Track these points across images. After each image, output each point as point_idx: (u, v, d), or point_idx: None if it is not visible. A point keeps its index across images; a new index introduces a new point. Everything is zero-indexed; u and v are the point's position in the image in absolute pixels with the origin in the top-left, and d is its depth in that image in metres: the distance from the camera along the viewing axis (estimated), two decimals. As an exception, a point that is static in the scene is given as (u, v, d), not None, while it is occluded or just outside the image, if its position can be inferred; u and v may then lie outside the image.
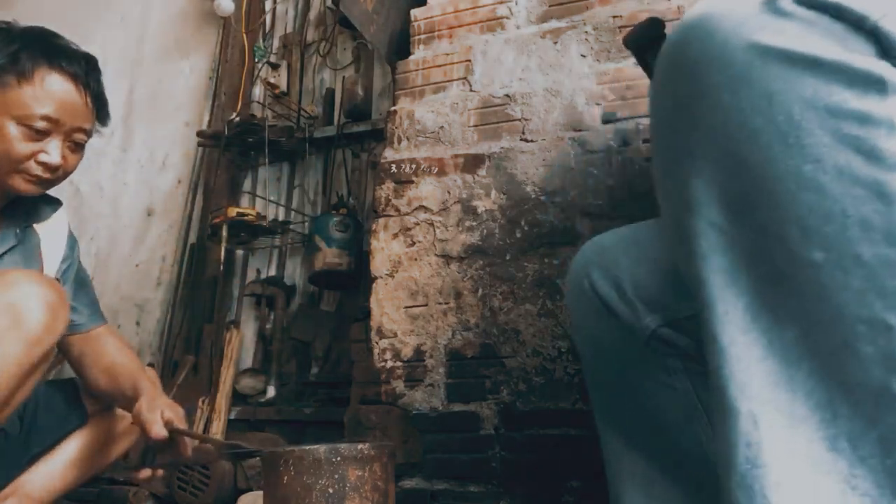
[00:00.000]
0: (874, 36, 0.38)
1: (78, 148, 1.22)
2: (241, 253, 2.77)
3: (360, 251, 2.36)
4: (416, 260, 1.64)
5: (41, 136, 1.14)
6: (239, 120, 2.62)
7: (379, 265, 1.67)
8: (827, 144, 0.39)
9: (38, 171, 1.16)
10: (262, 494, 1.24)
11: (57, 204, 1.35)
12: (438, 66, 1.77)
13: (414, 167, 1.70)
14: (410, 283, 1.63)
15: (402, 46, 1.90)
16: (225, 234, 2.43)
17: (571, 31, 1.64)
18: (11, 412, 1.13)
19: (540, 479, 1.44)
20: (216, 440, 1.20)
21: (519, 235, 1.56)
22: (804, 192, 0.40)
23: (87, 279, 1.42)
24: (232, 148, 2.74)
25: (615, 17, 1.61)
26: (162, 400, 1.19)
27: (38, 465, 1.28)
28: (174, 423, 1.14)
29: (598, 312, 0.85)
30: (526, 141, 1.61)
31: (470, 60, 1.73)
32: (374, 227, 1.71)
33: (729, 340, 0.43)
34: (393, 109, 1.79)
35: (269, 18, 3.05)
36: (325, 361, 2.47)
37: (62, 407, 1.32)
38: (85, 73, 1.18)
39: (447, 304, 1.59)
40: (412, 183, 1.69)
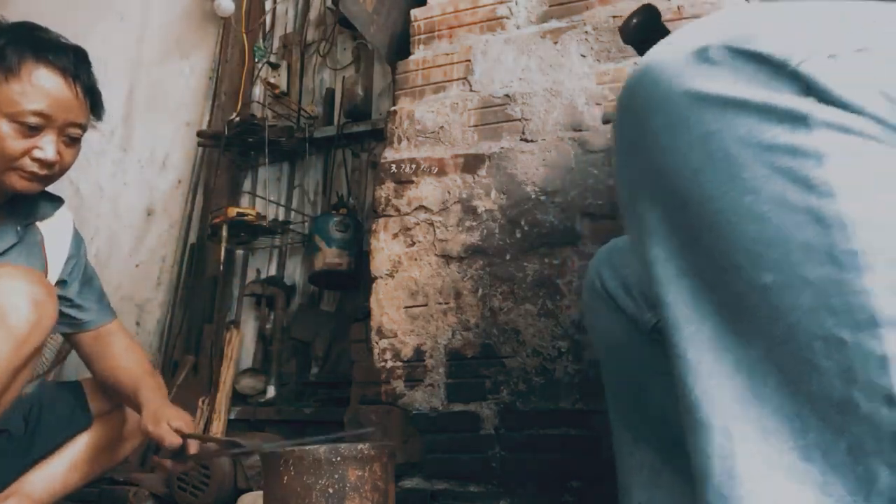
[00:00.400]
0: (796, 78, 0.42)
1: (73, 143, 1.19)
2: (241, 253, 2.77)
3: (360, 251, 2.36)
4: (416, 260, 1.64)
5: (34, 132, 1.12)
6: (239, 120, 2.62)
7: (379, 265, 1.67)
8: (763, 176, 0.43)
9: (33, 167, 1.14)
10: (262, 494, 1.24)
11: (59, 202, 1.33)
12: (438, 66, 1.77)
13: (414, 167, 1.70)
14: (410, 283, 1.63)
15: (402, 46, 1.90)
16: (225, 234, 2.43)
17: (571, 31, 1.64)
18: (4, 410, 1.13)
19: (540, 479, 1.44)
20: (220, 439, 1.22)
21: (519, 235, 1.56)
22: (747, 221, 0.43)
23: (94, 276, 1.41)
24: (232, 148, 2.74)
25: (615, 17, 1.61)
26: (167, 410, 1.19)
27: (40, 466, 1.28)
28: (183, 429, 1.17)
29: (608, 309, 0.92)
30: (526, 141, 1.61)
31: (470, 60, 1.73)
32: (374, 227, 1.71)
33: (698, 360, 0.46)
34: (393, 109, 1.79)
35: (269, 18, 3.04)
36: (325, 361, 2.47)
37: (67, 409, 1.32)
38: (74, 65, 1.16)
39: (447, 304, 1.59)
40: (412, 183, 1.69)
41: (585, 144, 1.55)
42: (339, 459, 1.08)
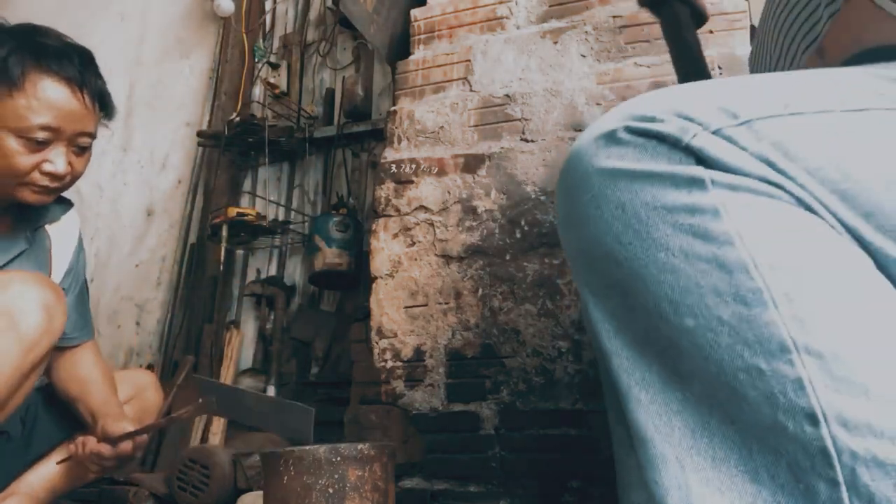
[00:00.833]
0: (689, 151, 0.49)
1: (83, 151, 1.17)
2: (241, 253, 2.77)
3: (360, 251, 2.36)
4: (416, 260, 1.64)
5: (42, 146, 1.09)
6: (239, 120, 2.62)
7: (379, 265, 1.67)
8: (670, 234, 0.49)
9: (44, 181, 1.11)
10: (262, 494, 1.24)
11: (68, 205, 1.31)
12: (438, 66, 1.77)
13: (414, 167, 1.70)
14: (410, 283, 1.63)
15: (402, 46, 1.90)
16: (225, 234, 2.43)
17: (571, 31, 1.64)
18: (9, 414, 1.13)
19: (540, 479, 1.44)
20: (159, 423, 1.26)
21: (519, 235, 1.56)
22: (664, 274, 0.50)
23: (85, 292, 1.38)
24: (232, 148, 2.75)
25: (615, 17, 1.61)
26: (116, 424, 1.19)
27: (38, 466, 1.28)
28: (126, 429, 1.18)
29: None
30: (526, 141, 1.61)
31: (470, 60, 1.73)
32: (374, 227, 1.71)
33: (649, 399, 0.51)
34: (393, 109, 1.79)
35: (269, 18, 3.05)
36: (325, 361, 2.47)
37: (62, 410, 1.31)
38: (80, 73, 1.12)
39: (447, 304, 1.59)
40: (412, 183, 1.69)
41: (585, 144, 1.55)
42: (339, 459, 1.08)
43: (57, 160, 1.10)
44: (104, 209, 3.20)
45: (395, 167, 1.72)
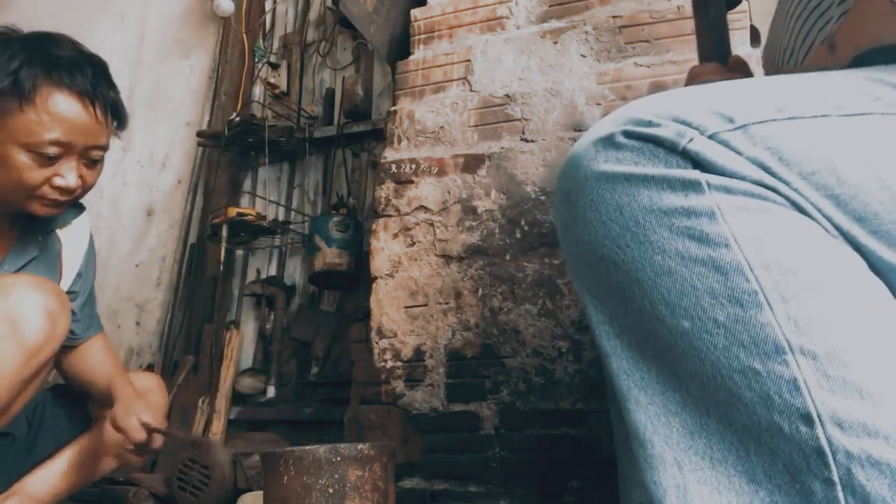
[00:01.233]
0: (686, 155, 0.50)
1: (95, 164, 1.15)
2: (241, 253, 2.77)
3: (360, 251, 2.36)
4: (416, 260, 1.64)
5: (53, 160, 1.07)
6: (239, 120, 2.62)
7: (379, 265, 1.67)
8: (666, 237, 0.50)
9: (54, 195, 1.10)
10: (262, 494, 1.24)
11: (80, 209, 1.30)
12: (438, 66, 1.77)
13: (414, 167, 1.70)
14: (410, 283, 1.63)
15: (402, 46, 1.90)
16: (225, 234, 2.43)
17: (571, 31, 1.64)
18: (12, 417, 1.13)
19: (540, 479, 1.44)
20: (181, 436, 1.25)
21: (519, 235, 1.56)
22: (661, 276, 0.50)
23: (93, 292, 1.39)
24: (232, 148, 2.74)
25: (615, 17, 1.61)
26: (137, 404, 1.19)
27: (42, 467, 1.28)
28: (150, 423, 1.18)
29: None
30: (526, 141, 1.61)
31: (470, 60, 1.73)
32: (374, 227, 1.71)
33: (648, 400, 0.51)
34: (393, 109, 1.79)
35: (269, 18, 3.05)
36: (325, 361, 2.47)
37: (68, 412, 1.32)
38: (92, 86, 1.09)
39: (447, 304, 1.59)
40: (412, 183, 1.69)
41: (585, 144, 1.55)
42: (339, 459, 1.09)
43: (68, 175, 1.09)
44: (104, 209, 3.20)
45: (395, 167, 1.72)
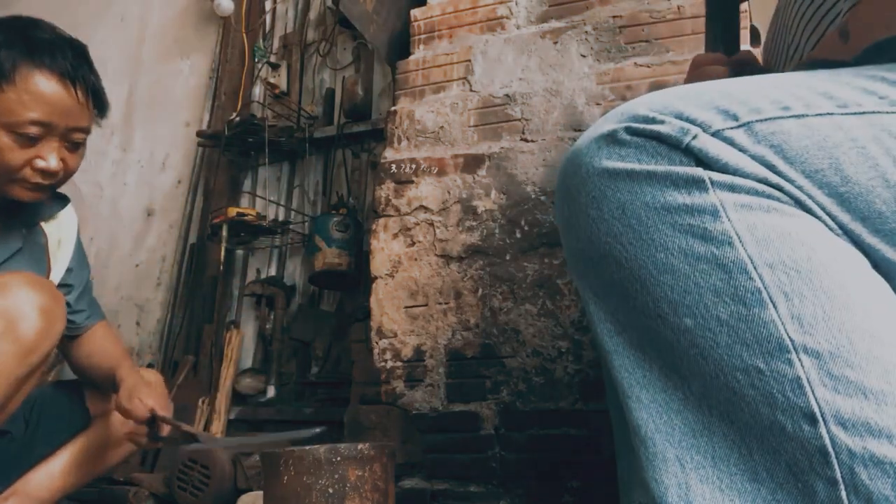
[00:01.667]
0: (689, 151, 0.50)
1: (77, 147, 1.14)
2: (241, 253, 2.77)
3: (360, 251, 2.36)
4: (416, 260, 1.64)
5: (34, 141, 1.07)
6: (239, 120, 2.62)
7: (379, 265, 1.67)
8: (669, 234, 0.50)
9: (36, 178, 1.09)
10: (262, 494, 1.24)
11: (64, 201, 1.30)
12: (438, 66, 1.77)
13: (414, 167, 1.70)
14: (410, 283, 1.63)
15: (402, 46, 1.90)
16: (225, 234, 2.43)
17: (571, 31, 1.64)
18: (9, 416, 1.13)
19: (540, 479, 1.44)
20: (185, 429, 1.22)
21: (519, 235, 1.56)
22: (663, 274, 0.50)
23: (90, 281, 1.39)
24: (232, 148, 2.74)
25: (615, 17, 1.61)
26: (141, 388, 1.18)
27: (41, 466, 1.28)
28: (156, 410, 1.16)
29: None
30: (526, 141, 1.61)
31: (470, 60, 1.73)
32: (374, 227, 1.71)
33: (650, 398, 0.52)
34: (393, 109, 1.79)
35: (269, 18, 3.04)
36: (325, 361, 2.47)
37: (66, 409, 1.32)
38: (73, 66, 1.09)
39: (447, 304, 1.59)
40: (412, 183, 1.69)
41: (585, 144, 1.55)
42: (339, 459, 1.09)
43: (49, 156, 1.09)
44: (104, 209, 3.20)
45: (395, 167, 1.72)
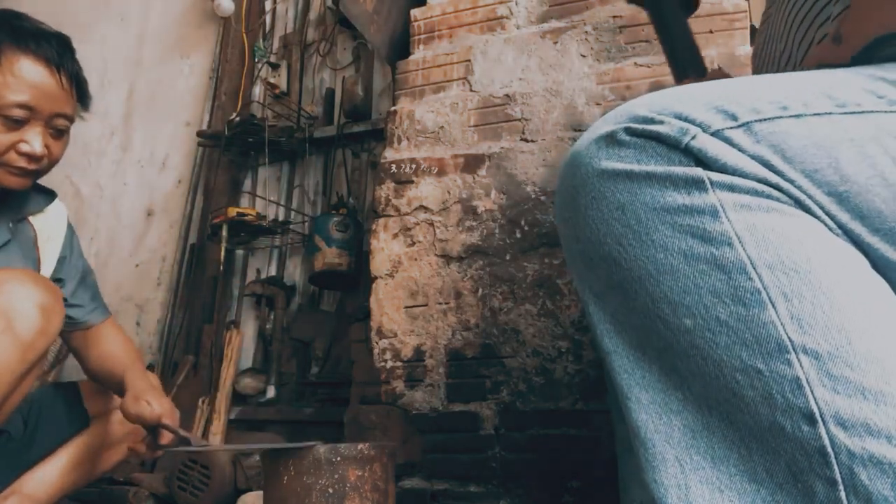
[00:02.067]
0: (688, 151, 0.50)
1: (61, 135, 1.16)
2: (241, 253, 2.77)
3: (360, 251, 2.36)
4: (416, 260, 1.64)
5: (19, 125, 1.08)
6: (239, 120, 2.62)
7: (379, 265, 1.67)
8: (669, 235, 0.50)
9: (20, 162, 1.11)
10: (262, 494, 1.24)
11: (51, 195, 1.31)
12: (438, 66, 1.77)
13: (414, 167, 1.70)
14: (410, 283, 1.63)
15: (402, 46, 1.90)
16: (225, 234, 2.43)
17: (571, 31, 1.64)
18: (7, 415, 1.13)
19: (540, 479, 1.44)
20: (195, 439, 1.21)
21: (519, 235, 1.56)
22: (663, 275, 0.50)
23: (88, 274, 1.39)
24: (232, 148, 2.74)
25: (615, 17, 1.61)
26: (148, 393, 1.18)
27: (39, 466, 1.28)
28: (162, 418, 1.15)
29: None
30: (526, 141, 1.61)
31: (470, 60, 1.73)
32: (374, 227, 1.71)
33: (649, 399, 0.51)
34: (393, 109, 1.79)
35: (269, 18, 3.04)
36: (325, 361, 2.47)
37: (65, 410, 1.31)
38: (58, 54, 1.12)
39: (447, 304, 1.59)
40: (412, 183, 1.69)
41: (585, 144, 1.55)
42: (339, 459, 1.08)
43: (34, 140, 1.10)
44: (104, 209, 3.20)
45: (395, 167, 1.72)
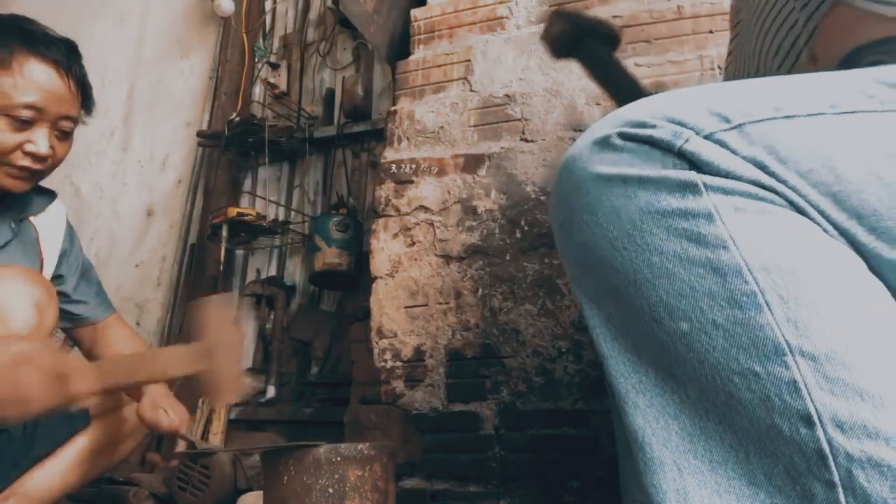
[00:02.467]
0: (682, 156, 0.50)
1: (65, 137, 1.18)
2: (241, 253, 2.77)
3: (360, 251, 2.36)
4: (416, 260, 1.64)
5: (26, 125, 1.11)
6: (239, 120, 2.62)
7: (379, 265, 1.67)
8: (663, 238, 0.50)
9: (25, 161, 1.13)
10: (262, 494, 1.24)
11: (51, 196, 1.32)
12: (438, 66, 1.77)
13: (414, 167, 1.70)
14: (410, 283, 1.63)
15: (402, 46, 1.90)
16: (225, 234, 2.43)
17: (571, 31, 1.64)
18: None
19: (540, 479, 1.44)
20: (210, 450, 1.24)
21: (519, 235, 1.56)
22: (658, 278, 0.50)
23: (90, 270, 1.40)
24: (232, 148, 2.74)
25: (615, 17, 1.61)
26: (166, 400, 1.20)
27: (40, 466, 1.28)
28: (178, 427, 1.18)
29: None
30: (526, 141, 1.61)
31: (470, 60, 1.73)
32: (374, 227, 1.71)
33: (647, 403, 0.51)
34: (393, 109, 1.79)
35: (269, 18, 3.05)
36: (325, 361, 2.47)
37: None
38: (66, 57, 1.15)
39: (447, 304, 1.59)
40: (412, 183, 1.69)
41: (585, 144, 1.55)
42: (339, 459, 1.08)
43: (40, 141, 1.12)
44: (104, 209, 3.20)
45: (395, 167, 1.72)
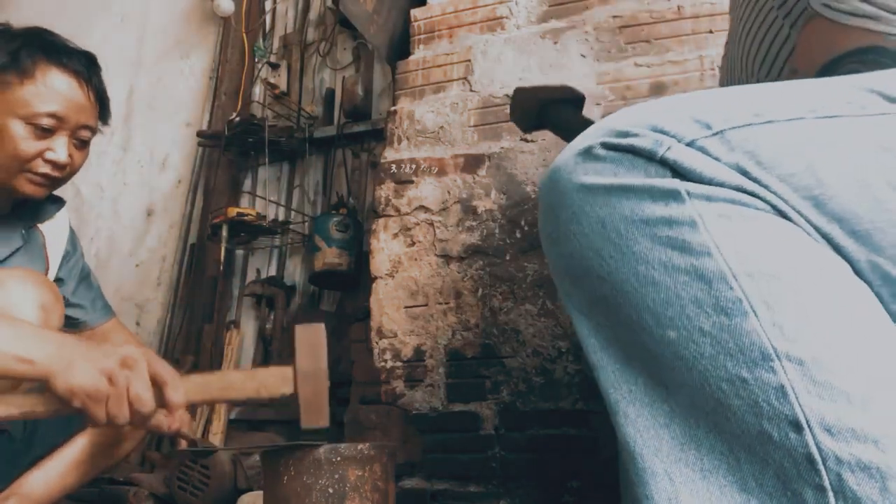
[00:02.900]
0: (664, 164, 0.50)
1: (83, 146, 1.22)
2: (241, 253, 2.77)
3: (360, 251, 2.36)
4: (416, 260, 1.64)
5: (47, 134, 1.14)
6: (239, 120, 2.62)
7: (379, 265, 1.67)
8: (649, 247, 0.50)
9: (45, 169, 1.16)
10: (261, 494, 1.24)
11: (60, 203, 1.35)
12: (438, 66, 1.77)
13: (414, 167, 1.70)
14: (410, 283, 1.63)
15: (402, 46, 1.90)
16: (225, 234, 2.43)
17: (571, 31, 1.64)
18: None
19: (540, 479, 1.44)
20: (207, 447, 1.23)
21: (519, 235, 1.56)
22: (645, 287, 0.50)
23: (89, 275, 1.42)
24: (232, 148, 2.74)
25: (615, 17, 1.61)
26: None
27: (39, 466, 1.27)
28: (178, 427, 1.16)
29: None
30: (526, 141, 1.61)
31: (470, 60, 1.73)
32: (374, 227, 1.71)
33: (636, 413, 0.51)
34: (393, 109, 1.79)
35: (269, 18, 3.04)
36: (325, 361, 2.47)
37: None
38: (87, 69, 1.19)
39: (447, 304, 1.59)
40: (412, 183, 1.69)
41: (585, 144, 1.55)
42: (339, 459, 1.08)
43: (59, 149, 1.16)
44: (104, 209, 3.20)
45: (395, 167, 1.72)
